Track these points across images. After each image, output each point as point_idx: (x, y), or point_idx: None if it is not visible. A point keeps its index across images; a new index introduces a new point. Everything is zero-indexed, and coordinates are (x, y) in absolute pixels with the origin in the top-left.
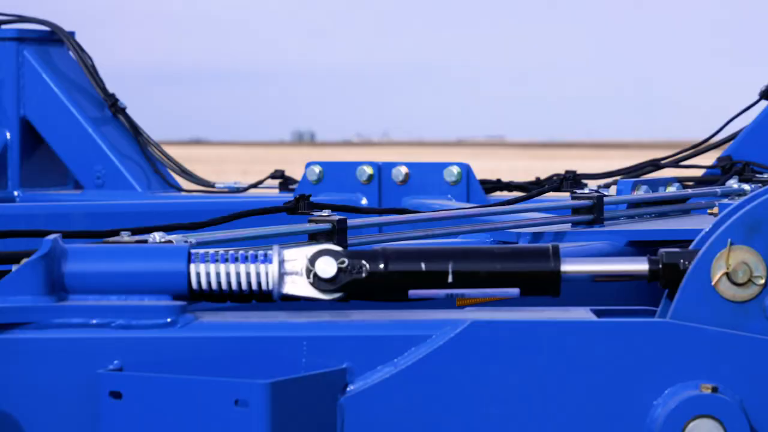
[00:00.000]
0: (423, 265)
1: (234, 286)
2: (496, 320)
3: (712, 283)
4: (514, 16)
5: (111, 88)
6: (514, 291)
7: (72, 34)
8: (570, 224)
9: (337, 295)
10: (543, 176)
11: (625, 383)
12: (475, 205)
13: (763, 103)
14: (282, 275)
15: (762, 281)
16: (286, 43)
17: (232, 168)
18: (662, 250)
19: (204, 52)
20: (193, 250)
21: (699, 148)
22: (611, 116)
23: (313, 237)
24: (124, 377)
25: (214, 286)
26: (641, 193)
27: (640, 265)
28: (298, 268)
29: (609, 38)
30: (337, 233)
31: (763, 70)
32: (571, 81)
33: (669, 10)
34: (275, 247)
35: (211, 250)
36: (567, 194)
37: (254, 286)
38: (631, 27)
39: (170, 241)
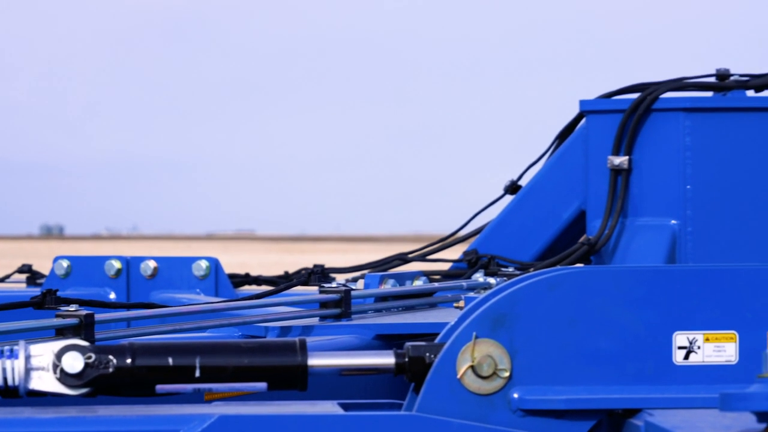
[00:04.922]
0: (170, 360)
1: None
2: (242, 414)
3: (458, 376)
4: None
5: None
6: (262, 385)
7: None
8: (318, 318)
9: (84, 391)
10: (292, 270)
11: None
12: (224, 299)
13: (508, 198)
14: (28, 370)
15: (506, 374)
16: (32, 136)
17: None
18: (408, 344)
19: None
20: None
21: (446, 242)
22: (360, 210)
23: (60, 332)
24: None
25: None
26: (388, 286)
27: (386, 359)
28: (44, 363)
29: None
30: (84, 328)
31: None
32: (320, 175)
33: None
34: (21, 343)
35: None
36: (315, 288)
37: (0, 382)
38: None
39: None
